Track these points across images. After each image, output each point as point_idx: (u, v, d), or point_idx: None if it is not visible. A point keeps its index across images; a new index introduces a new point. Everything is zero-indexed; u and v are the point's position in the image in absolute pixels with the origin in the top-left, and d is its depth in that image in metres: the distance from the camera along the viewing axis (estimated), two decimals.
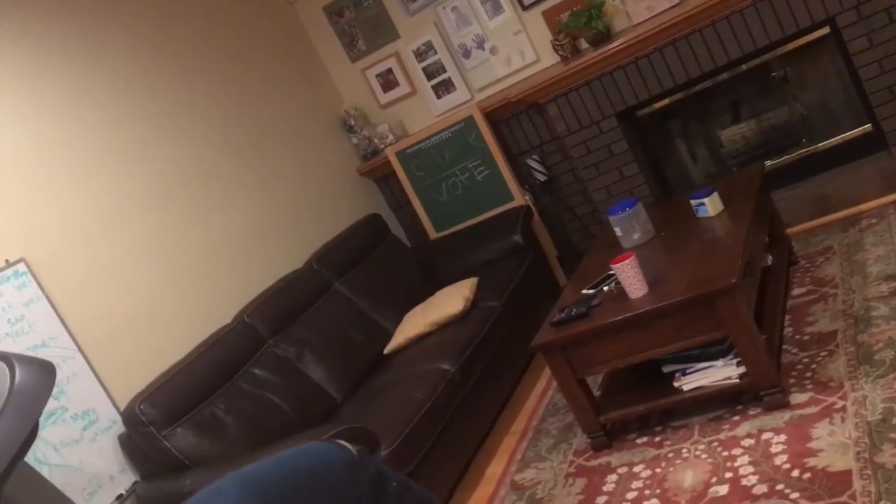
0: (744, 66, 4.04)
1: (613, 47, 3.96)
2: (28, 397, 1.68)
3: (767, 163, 4.21)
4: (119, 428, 2.97)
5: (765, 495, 2.28)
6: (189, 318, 3.39)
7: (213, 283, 3.58)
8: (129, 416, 2.92)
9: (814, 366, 2.74)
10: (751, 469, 2.42)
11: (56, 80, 3.28)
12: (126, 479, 2.93)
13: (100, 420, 2.92)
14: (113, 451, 2.93)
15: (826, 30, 3.81)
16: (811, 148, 4.22)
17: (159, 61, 3.76)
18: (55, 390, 2.77)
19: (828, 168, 4.14)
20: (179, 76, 3.84)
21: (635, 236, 3.16)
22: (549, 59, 4.39)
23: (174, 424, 2.93)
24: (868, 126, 4.01)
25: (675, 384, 2.77)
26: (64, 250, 3.06)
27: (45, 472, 2.68)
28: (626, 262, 2.73)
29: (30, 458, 2.47)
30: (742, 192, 3.23)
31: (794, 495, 2.22)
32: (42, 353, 2.81)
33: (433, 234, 4.72)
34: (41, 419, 2.08)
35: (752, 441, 2.54)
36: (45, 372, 1.77)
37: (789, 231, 3.66)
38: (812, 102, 4.26)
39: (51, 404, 2.78)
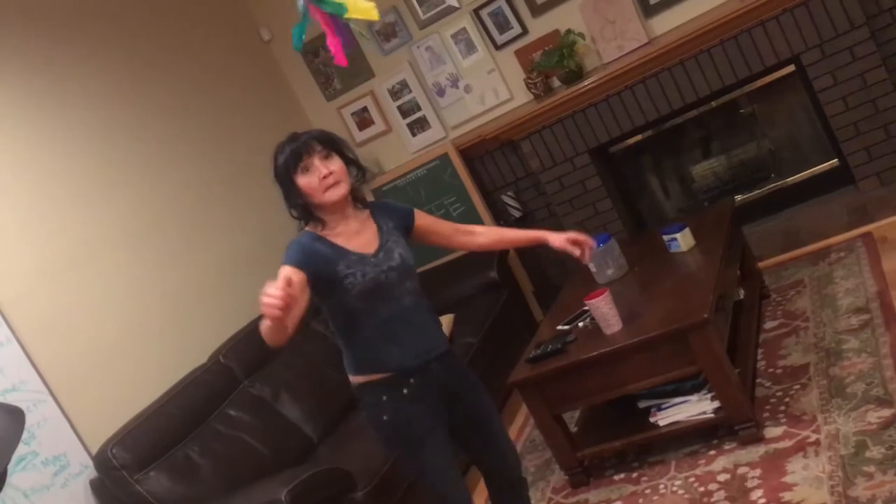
0: (713, 104, 4.12)
1: (585, 85, 4.02)
2: None
3: (738, 197, 4.28)
4: (91, 473, 2.91)
5: None
6: (163, 359, 3.35)
7: (187, 323, 3.55)
8: (102, 461, 2.87)
9: (787, 399, 2.76)
10: None
11: (26, 123, 3.27)
12: None
13: (71, 465, 2.87)
14: (84, 497, 2.88)
15: (791, 68, 3.91)
16: (780, 183, 4.30)
17: (131, 102, 3.75)
18: (25, 435, 2.72)
19: (796, 202, 4.21)
20: (152, 117, 3.84)
21: (609, 272, 3.19)
22: (523, 97, 4.45)
23: (147, 468, 2.88)
24: (835, 161, 4.09)
25: (651, 419, 2.78)
26: (35, 293, 3.03)
27: None
28: (601, 298, 2.75)
29: None
30: (713, 226, 3.27)
31: None
32: (12, 398, 2.76)
33: None
34: (10, 465, 2.04)
35: (727, 476, 2.55)
36: (13, 418, 1.74)
37: (760, 265, 3.70)
38: (780, 138, 4.34)
39: (21, 449, 2.73)
